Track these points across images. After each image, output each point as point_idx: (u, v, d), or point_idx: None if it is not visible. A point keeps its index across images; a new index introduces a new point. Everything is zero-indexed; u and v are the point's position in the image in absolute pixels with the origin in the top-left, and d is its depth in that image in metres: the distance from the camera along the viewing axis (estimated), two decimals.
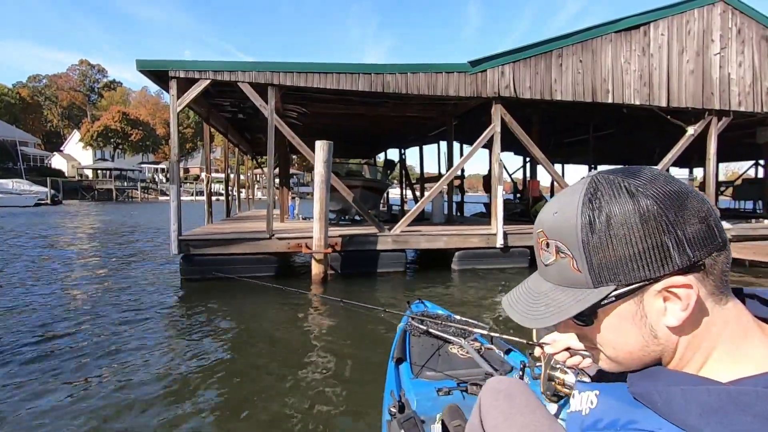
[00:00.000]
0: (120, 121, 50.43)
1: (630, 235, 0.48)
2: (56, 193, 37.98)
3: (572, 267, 0.52)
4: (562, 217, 0.53)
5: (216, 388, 3.23)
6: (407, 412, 1.62)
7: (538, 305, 0.55)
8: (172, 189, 6.94)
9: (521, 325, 0.56)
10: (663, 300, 0.49)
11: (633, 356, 0.54)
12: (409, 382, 1.96)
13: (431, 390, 1.84)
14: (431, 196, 8.64)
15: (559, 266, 0.53)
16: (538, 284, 0.58)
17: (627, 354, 0.54)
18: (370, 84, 7.35)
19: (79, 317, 5.01)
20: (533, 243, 0.60)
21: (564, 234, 0.52)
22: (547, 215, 0.55)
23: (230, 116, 10.75)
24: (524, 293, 0.59)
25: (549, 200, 0.59)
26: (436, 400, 1.79)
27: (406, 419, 1.56)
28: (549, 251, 0.55)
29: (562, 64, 8.02)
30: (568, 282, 0.53)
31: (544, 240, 0.55)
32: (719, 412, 0.44)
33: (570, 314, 0.52)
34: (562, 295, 0.53)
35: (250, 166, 19.71)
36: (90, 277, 7.38)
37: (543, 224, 0.56)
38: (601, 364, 0.59)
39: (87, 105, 67.55)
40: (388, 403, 1.75)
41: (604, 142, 14.81)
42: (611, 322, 0.53)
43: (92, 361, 3.69)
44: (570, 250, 0.51)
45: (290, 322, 4.99)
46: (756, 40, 8.95)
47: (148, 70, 6.75)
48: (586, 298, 0.51)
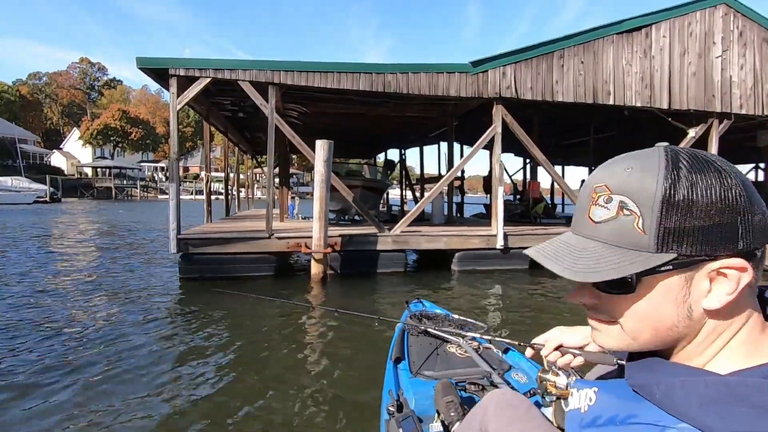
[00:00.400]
0: (120, 120, 50.36)
1: (710, 208, 0.48)
2: (55, 191, 37.92)
3: (636, 227, 0.50)
4: (639, 174, 0.51)
5: (213, 386, 3.20)
6: (405, 411, 1.61)
7: (585, 259, 0.52)
8: (171, 187, 6.91)
9: (563, 276, 0.52)
10: (709, 281, 0.49)
11: (656, 334, 0.53)
12: (407, 381, 1.96)
13: (430, 389, 1.82)
14: (431, 196, 8.62)
15: (618, 224, 0.51)
16: (579, 241, 0.55)
17: (651, 330, 0.52)
18: (371, 84, 7.32)
19: (74, 315, 4.98)
20: (581, 197, 0.57)
21: (637, 191, 0.50)
22: (616, 170, 0.53)
23: (230, 115, 10.73)
24: (562, 247, 0.56)
25: (607, 162, 0.56)
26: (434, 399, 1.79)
27: (405, 418, 1.55)
28: (608, 206, 0.52)
29: (563, 65, 8.01)
30: (625, 242, 0.51)
31: (605, 194, 0.52)
32: (718, 403, 0.45)
33: (624, 273, 0.49)
34: (613, 254, 0.51)
35: (250, 166, 19.68)
36: (86, 276, 7.35)
37: (607, 178, 0.53)
38: (604, 340, 0.57)
39: (87, 103, 67.47)
40: (387, 402, 1.74)
41: (604, 143, 14.79)
42: (652, 293, 0.51)
43: (85, 360, 3.66)
44: (640, 208, 0.50)
45: (288, 320, 4.96)
46: (758, 43, 8.94)
47: (148, 67, 6.72)
48: (645, 260, 0.49)
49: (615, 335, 0.56)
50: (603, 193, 0.53)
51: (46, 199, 34.88)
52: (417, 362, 2.09)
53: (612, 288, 0.53)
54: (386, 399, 1.84)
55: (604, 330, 0.57)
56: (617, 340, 0.56)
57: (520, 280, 7.44)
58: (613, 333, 0.56)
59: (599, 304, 0.56)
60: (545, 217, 11.42)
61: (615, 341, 0.56)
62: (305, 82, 7.13)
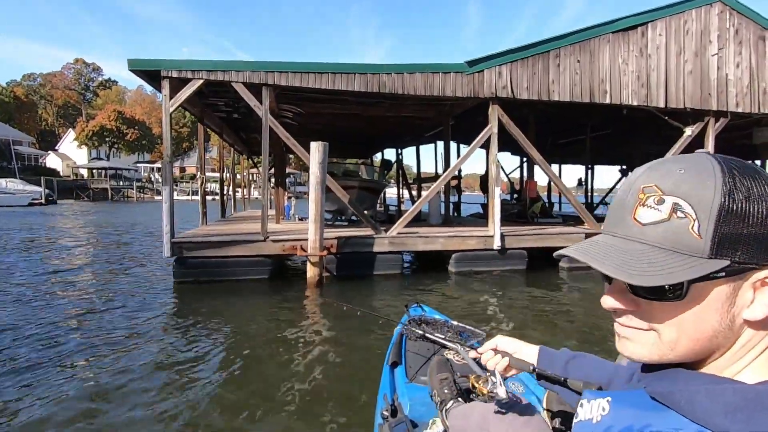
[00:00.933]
0: (115, 120, 50.08)
1: (764, 216, 0.47)
2: (51, 192, 37.66)
3: (691, 230, 0.48)
4: (695, 176, 0.49)
5: (207, 393, 3.15)
6: (399, 417, 1.60)
7: (639, 262, 0.50)
8: (164, 190, 6.84)
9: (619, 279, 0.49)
10: (753, 290, 0.48)
11: (696, 344, 0.51)
12: (403, 386, 1.94)
13: (425, 395, 1.81)
14: (428, 197, 8.57)
15: (671, 226, 0.49)
16: (623, 243, 0.53)
17: (692, 341, 0.51)
18: (366, 84, 7.26)
19: (66, 321, 4.91)
20: (621, 198, 0.54)
21: (694, 194, 0.48)
22: (667, 172, 0.51)
23: (225, 116, 10.64)
24: (608, 248, 0.53)
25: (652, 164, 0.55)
26: (429, 405, 1.73)
27: (398, 423, 1.54)
28: (659, 208, 0.50)
29: (559, 64, 7.96)
30: (678, 246, 0.49)
31: (656, 196, 0.51)
32: (745, 410, 0.43)
33: (680, 278, 0.47)
34: (667, 258, 0.49)
35: (246, 166, 19.58)
36: (78, 280, 7.27)
37: (658, 179, 0.51)
38: (637, 351, 0.55)
39: (82, 104, 67.15)
40: (381, 406, 1.73)
41: (600, 142, 14.78)
42: (699, 300, 0.49)
43: (77, 368, 3.60)
44: (696, 211, 0.48)
45: (285, 325, 4.91)
46: (753, 41, 8.92)
47: (140, 69, 6.65)
48: (700, 266, 0.47)
49: (649, 344, 0.53)
50: (653, 194, 0.51)
51: (41, 201, 34.64)
52: (414, 367, 2.07)
53: (657, 294, 0.50)
54: (381, 403, 1.84)
55: (637, 339, 0.54)
56: (651, 350, 0.53)
57: (517, 281, 7.41)
58: (647, 342, 0.53)
59: (636, 311, 0.54)
60: (542, 216, 11.38)
61: (648, 351, 0.53)
62: (299, 83, 7.07)
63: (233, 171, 15.80)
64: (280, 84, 7.02)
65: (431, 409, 1.71)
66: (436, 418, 1.64)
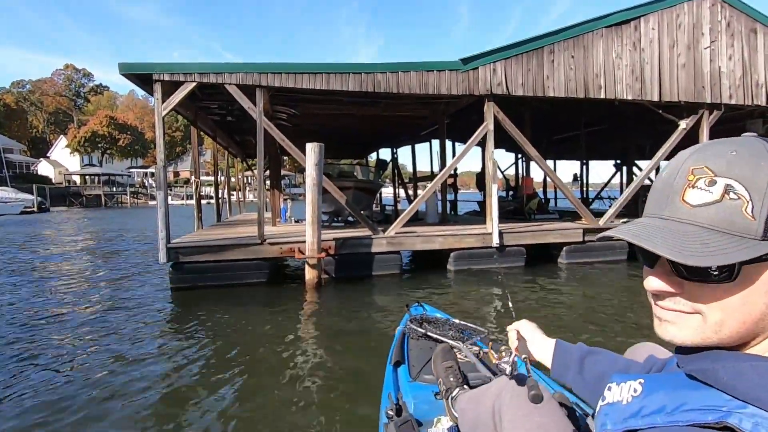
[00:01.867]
0: (107, 126, 49.67)
1: None
2: (43, 200, 37.28)
3: (745, 212, 0.48)
4: (748, 158, 0.49)
5: (210, 396, 3.09)
6: (404, 416, 1.61)
7: (692, 242, 0.49)
8: (159, 195, 6.76)
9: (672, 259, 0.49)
10: None
11: (742, 327, 0.50)
12: (407, 385, 1.95)
13: (429, 393, 1.84)
14: (425, 196, 8.53)
15: (724, 207, 0.49)
16: (672, 225, 0.52)
17: (739, 323, 0.50)
18: (361, 84, 7.21)
19: (58, 329, 4.82)
20: (668, 180, 0.54)
21: (747, 175, 0.48)
22: (718, 154, 0.51)
23: (218, 119, 10.55)
24: (657, 230, 0.52)
25: (700, 146, 0.55)
26: (433, 403, 1.78)
27: (403, 422, 1.55)
28: (711, 190, 0.50)
29: (554, 60, 7.95)
30: (730, 227, 0.48)
31: (708, 177, 0.50)
32: None
33: (734, 259, 0.47)
34: (720, 239, 0.48)
35: (241, 169, 19.47)
36: (72, 289, 7.17)
37: (710, 161, 0.51)
38: (675, 332, 0.54)
39: (73, 110, 66.55)
40: (386, 405, 1.75)
41: (594, 138, 14.82)
42: (749, 282, 0.49)
43: (71, 379, 3.53)
44: (750, 193, 0.48)
45: (286, 328, 4.85)
46: (745, 33, 8.95)
47: (131, 73, 6.56)
48: (753, 247, 0.47)
49: (693, 327, 0.52)
50: (704, 176, 0.50)
51: (33, 209, 34.28)
52: (417, 366, 2.07)
53: (705, 276, 0.50)
54: (385, 402, 1.86)
55: (680, 322, 0.54)
56: (694, 333, 0.52)
57: (516, 278, 7.39)
58: (690, 325, 0.53)
59: (681, 292, 0.53)
60: (539, 213, 11.38)
61: (691, 334, 0.53)
62: (293, 84, 7.00)
63: (228, 174, 15.68)
64: (273, 85, 6.95)
65: (435, 407, 1.73)
66: (441, 416, 1.64)
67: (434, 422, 1.60)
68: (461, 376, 1.72)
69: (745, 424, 0.43)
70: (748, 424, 0.43)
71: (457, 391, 1.59)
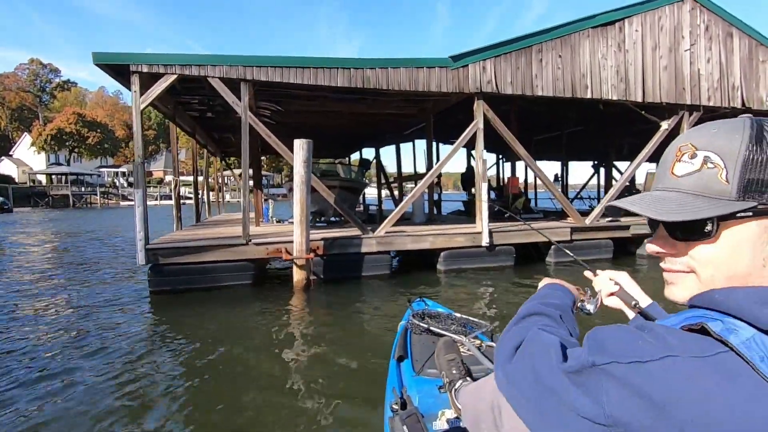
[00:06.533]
0: (75, 123, 47.65)
1: None
2: (5, 200, 35.49)
3: (720, 177, 0.55)
4: (725, 134, 0.56)
5: (196, 408, 2.85)
6: (409, 409, 1.62)
7: (669, 204, 0.57)
8: (137, 193, 6.39)
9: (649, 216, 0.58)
10: None
11: (730, 282, 0.55)
12: (411, 379, 1.98)
13: (433, 387, 1.86)
14: (414, 196, 8.41)
15: (701, 175, 0.56)
16: (661, 193, 0.60)
17: (726, 279, 0.56)
18: (350, 79, 7.02)
19: (28, 342, 4.46)
20: (665, 158, 0.62)
21: (722, 147, 0.55)
22: (702, 132, 0.59)
23: (198, 115, 10.15)
24: (647, 197, 0.61)
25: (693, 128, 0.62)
26: (438, 397, 1.79)
27: (408, 415, 1.57)
28: (692, 162, 0.57)
29: (542, 59, 7.95)
30: (708, 191, 0.56)
31: (690, 151, 0.58)
32: None
33: (706, 215, 0.54)
34: (696, 201, 0.56)
35: (219, 168, 18.91)
36: (39, 300, 6.72)
37: (693, 138, 0.59)
38: (678, 292, 0.61)
39: (38, 106, 63.57)
40: (390, 400, 1.76)
41: (575, 138, 15.04)
42: (730, 239, 0.55)
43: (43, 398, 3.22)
44: (724, 161, 0.55)
45: (274, 332, 4.62)
46: (722, 37, 9.20)
47: (106, 64, 6.18)
48: (726, 205, 0.54)
49: (690, 285, 0.59)
50: (688, 151, 0.58)
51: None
52: (420, 360, 2.09)
53: (691, 234, 0.57)
54: (390, 397, 1.89)
55: (679, 281, 0.61)
56: (691, 290, 0.59)
57: (507, 276, 7.35)
58: (688, 283, 0.59)
59: (676, 253, 0.60)
60: (524, 212, 11.44)
61: (689, 291, 0.59)
62: (280, 78, 6.74)
63: (207, 173, 15.17)
64: (259, 79, 6.68)
65: (440, 401, 1.75)
66: (445, 409, 1.65)
67: (438, 415, 1.63)
68: (464, 368, 1.73)
69: (714, 326, 0.49)
70: (717, 327, 0.49)
71: (460, 383, 1.59)
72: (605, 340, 0.56)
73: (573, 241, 8.42)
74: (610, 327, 0.59)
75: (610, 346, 0.54)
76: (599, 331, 0.59)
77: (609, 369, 0.51)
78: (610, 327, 0.59)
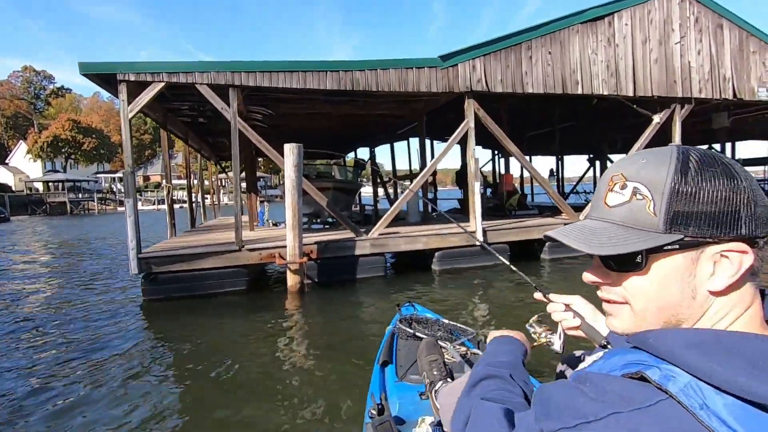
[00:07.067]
0: (71, 130, 47.49)
1: (716, 197, 0.52)
2: (2, 209, 35.40)
3: (648, 209, 0.55)
4: (653, 165, 0.56)
5: (193, 414, 2.85)
6: (384, 416, 1.62)
7: (600, 236, 0.58)
8: (128, 203, 6.38)
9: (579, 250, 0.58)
10: (713, 263, 0.53)
11: (661, 313, 0.56)
12: (393, 385, 1.96)
13: (414, 393, 1.85)
14: (407, 196, 8.41)
15: (631, 207, 0.57)
16: (594, 224, 0.61)
17: (657, 309, 0.56)
18: (339, 82, 7.00)
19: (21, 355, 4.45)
20: (599, 187, 0.63)
21: (650, 178, 0.55)
22: (632, 162, 0.59)
23: (189, 121, 10.12)
24: (578, 228, 0.62)
25: (625, 156, 0.63)
26: (419, 403, 1.78)
27: (381, 423, 1.55)
28: (623, 193, 0.58)
29: (531, 56, 7.94)
30: (637, 223, 0.56)
31: (621, 182, 0.58)
32: (701, 345, 0.49)
33: (633, 249, 0.54)
34: (625, 233, 0.56)
35: (214, 171, 18.88)
36: (31, 310, 6.71)
37: (624, 168, 0.59)
38: (615, 323, 0.61)
39: (33, 114, 63.39)
40: (370, 405, 1.75)
41: (568, 133, 15.03)
42: (660, 271, 0.55)
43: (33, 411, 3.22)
44: (652, 193, 0.55)
45: (269, 337, 4.62)
46: (712, 29, 9.19)
47: (92, 73, 6.15)
48: (654, 239, 0.54)
49: (626, 317, 0.60)
50: (619, 181, 0.58)
51: None
52: (404, 366, 2.08)
53: (622, 265, 0.58)
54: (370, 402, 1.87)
55: (616, 312, 0.61)
56: (627, 322, 0.60)
57: (501, 276, 7.34)
58: (624, 314, 0.60)
59: (611, 283, 0.61)
60: (519, 209, 11.43)
61: (626, 323, 0.60)
62: (269, 83, 6.73)
63: (201, 177, 15.15)
64: (248, 84, 6.66)
65: (420, 407, 1.73)
66: (426, 416, 1.63)
67: (418, 422, 1.61)
68: (446, 370, 1.71)
69: (653, 374, 0.49)
70: (656, 375, 0.49)
71: (440, 385, 1.56)
72: (549, 402, 0.56)
73: None
74: (554, 385, 0.60)
75: (554, 410, 0.54)
76: (545, 390, 0.59)
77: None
78: (555, 385, 0.60)
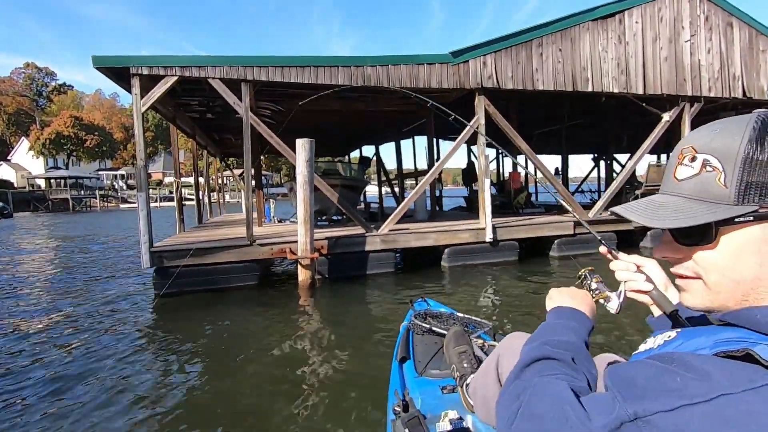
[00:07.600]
0: (73, 127, 47.54)
1: None
2: (5, 206, 35.40)
3: (718, 181, 0.53)
4: (725, 135, 0.54)
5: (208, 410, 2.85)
6: (411, 411, 1.61)
7: (665, 210, 0.56)
8: (140, 197, 6.37)
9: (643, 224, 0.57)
10: None
11: (738, 288, 0.53)
12: (413, 380, 1.96)
13: (435, 388, 1.85)
14: (418, 193, 8.40)
15: (700, 179, 0.55)
16: (662, 198, 0.59)
17: (733, 284, 0.53)
18: (350, 77, 6.99)
19: (31, 352, 4.46)
20: (669, 161, 0.60)
21: (722, 149, 0.53)
22: (704, 133, 0.57)
23: (198, 116, 10.12)
24: (644, 203, 0.60)
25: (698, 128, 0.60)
26: (440, 398, 1.78)
27: (410, 418, 1.54)
28: (692, 165, 0.56)
29: (542, 53, 7.93)
30: (707, 195, 0.54)
31: (691, 154, 0.56)
32: None
33: (701, 221, 0.52)
34: (694, 205, 0.54)
35: (219, 168, 18.89)
36: (41, 306, 6.71)
37: (695, 140, 0.57)
38: (689, 298, 0.58)
39: (35, 110, 63.43)
40: (393, 402, 1.75)
41: (574, 132, 15.01)
42: (733, 244, 0.53)
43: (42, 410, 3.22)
44: (723, 164, 0.53)
45: (282, 333, 4.62)
46: (722, 27, 9.17)
47: (106, 67, 6.15)
48: (725, 210, 0.52)
49: (698, 291, 0.57)
50: (688, 154, 0.57)
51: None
52: (422, 361, 2.08)
53: (690, 238, 0.56)
54: (392, 399, 1.86)
55: (689, 287, 0.59)
56: (701, 297, 0.57)
57: (511, 272, 7.34)
58: (696, 289, 0.57)
59: (682, 258, 0.59)
60: (527, 207, 11.43)
61: (699, 298, 0.57)
62: (281, 78, 6.72)
63: (207, 174, 15.15)
64: (260, 79, 6.65)
65: (442, 402, 1.72)
66: (448, 410, 1.63)
67: (441, 416, 1.60)
68: (476, 361, 1.65)
69: (762, 351, 0.45)
70: (765, 352, 0.45)
71: (471, 378, 1.49)
72: (634, 382, 0.48)
73: (576, 234, 8.42)
74: (631, 364, 0.52)
75: (647, 391, 0.46)
76: (620, 370, 0.51)
77: (655, 420, 0.44)
78: (632, 364, 0.52)
